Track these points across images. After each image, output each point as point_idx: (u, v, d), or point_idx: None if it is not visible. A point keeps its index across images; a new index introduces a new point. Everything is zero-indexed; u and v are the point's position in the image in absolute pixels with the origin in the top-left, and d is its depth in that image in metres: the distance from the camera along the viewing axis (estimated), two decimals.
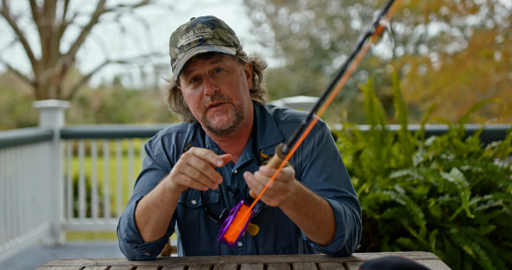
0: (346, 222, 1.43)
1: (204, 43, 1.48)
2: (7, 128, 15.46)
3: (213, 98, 1.47)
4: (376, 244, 2.53)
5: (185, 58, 1.45)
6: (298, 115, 1.61)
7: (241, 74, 1.54)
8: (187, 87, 1.51)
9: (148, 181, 1.56)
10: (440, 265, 1.41)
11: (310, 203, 1.36)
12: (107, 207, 5.12)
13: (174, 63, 1.53)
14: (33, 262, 4.48)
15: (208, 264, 1.45)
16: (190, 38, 1.49)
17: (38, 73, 11.93)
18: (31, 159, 4.63)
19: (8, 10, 11.63)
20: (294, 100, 4.15)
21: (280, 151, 1.19)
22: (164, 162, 1.59)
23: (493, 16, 10.74)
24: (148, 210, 1.42)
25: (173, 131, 1.63)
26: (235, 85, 1.50)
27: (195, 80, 1.49)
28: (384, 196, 2.42)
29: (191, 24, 1.51)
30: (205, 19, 1.52)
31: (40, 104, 5.09)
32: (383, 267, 1.07)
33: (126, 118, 20.30)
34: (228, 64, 1.50)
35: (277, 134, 1.57)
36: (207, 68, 1.48)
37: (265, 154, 1.55)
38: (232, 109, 1.49)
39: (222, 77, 1.49)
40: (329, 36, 17.48)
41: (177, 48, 1.51)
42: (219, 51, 1.44)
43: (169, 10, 16.88)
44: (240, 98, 1.50)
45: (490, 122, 2.95)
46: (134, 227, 1.44)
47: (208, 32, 1.49)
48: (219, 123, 1.48)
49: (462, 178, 2.36)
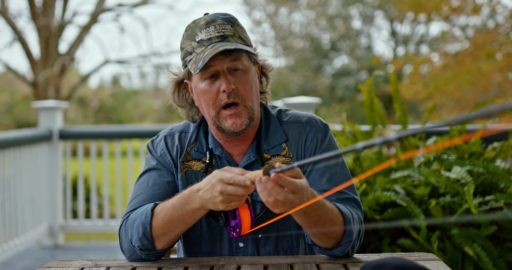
0: (354, 228, 1.43)
1: (225, 39, 1.47)
2: (6, 128, 15.44)
3: (229, 96, 1.46)
4: (376, 245, 2.52)
5: (210, 53, 1.42)
6: (301, 116, 1.61)
7: (255, 74, 1.54)
8: (201, 82, 1.49)
9: (151, 181, 1.56)
10: (441, 266, 1.40)
11: (321, 214, 1.36)
12: (106, 208, 5.10)
13: (190, 56, 1.50)
14: (32, 263, 4.47)
15: (208, 265, 1.44)
16: (211, 33, 1.47)
17: (37, 73, 11.92)
18: (29, 160, 4.61)
19: (7, 9, 11.62)
20: (294, 100, 4.14)
21: (267, 172, 1.20)
22: (168, 163, 1.58)
23: (495, 16, 10.74)
24: (172, 225, 1.42)
25: (175, 131, 1.62)
26: (250, 85, 1.50)
27: (211, 77, 1.48)
28: (385, 197, 2.41)
29: (210, 20, 1.49)
30: (223, 16, 1.51)
31: (39, 104, 5.08)
32: (383, 268, 1.06)
33: (125, 118, 20.30)
34: (245, 63, 1.50)
35: (281, 134, 1.57)
36: (226, 65, 1.46)
37: (268, 154, 1.56)
38: (245, 112, 1.49)
39: (239, 76, 1.48)
40: (330, 35, 17.49)
41: (196, 42, 1.48)
42: (245, 49, 1.44)
43: (168, 9, 16.88)
44: (252, 99, 1.50)
45: (491, 123, 2.94)
46: (149, 236, 1.44)
47: (229, 29, 1.49)
48: (232, 125, 1.48)
49: (465, 173, 2.35)
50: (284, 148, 1.56)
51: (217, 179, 1.31)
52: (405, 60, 13.47)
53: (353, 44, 17.71)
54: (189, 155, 1.58)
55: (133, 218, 1.47)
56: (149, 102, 23.15)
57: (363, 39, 18.19)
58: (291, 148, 1.56)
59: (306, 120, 1.58)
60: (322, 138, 1.56)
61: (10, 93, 17.91)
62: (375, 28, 17.97)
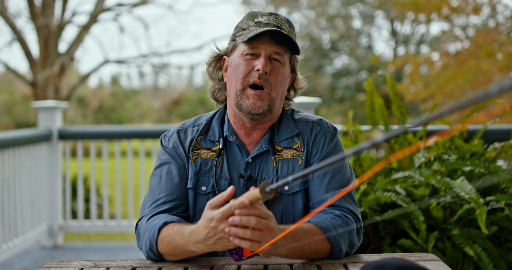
0: (340, 236, 1.45)
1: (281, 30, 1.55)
2: (5, 128, 15.43)
3: (261, 77, 1.53)
4: (377, 245, 2.51)
5: (263, 29, 1.50)
6: (312, 117, 1.67)
7: (287, 76, 1.61)
8: (240, 56, 1.56)
9: (164, 176, 1.59)
10: (441, 266, 1.39)
11: (301, 239, 1.39)
12: (105, 208, 5.09)
13: (242, 31, 1.58)
14: (31, 263, 4.46)
15: (208, 265, 1.44)
16: (271, 21, 1.56)
17: (36, 73, 11.91)
18: (29, 160, 4.60)
19: (6, 9, 11.61)
20: (295, 100, 4.12)
21: (263, 189, 1.19)
22: (180, 154, 1.61)
23: (495, 15, 10.74)
24: (175, 253, 1.42)
25: (188, 126, 1.67)
26: (281, 79, 1.56)
27: (252, 55, 1.55)
28: (385, 198, 2.40)
29: (274, 13, 1.59)
30: (285, 16, 1.61)
31: (38, 104, 5.06)
32: (384, 269, 1.06)
33: (125, 118, 20.29)
34: (285, 61, 1.58)
35: (293, 128, 1.62)
36: (269, 51, 1.54)
37: (280, 146, 1.60)
38: (267, 99, 1.54)
39: (277, 66, 1.55)
40: (330, 35, 17.49)
41: (253, 22, 1.57)
42: (294, 41, 1.53)
43: (168, 9, 16.87)
44: (277, 92, 1.56)
45: (492, 123, 2.93)
46: (156, 252, 1.46)
47: (286, 27, 1.58)
48: (251, 105, 1.53)
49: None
50: (296, 142, 1.61)
51: (215, 219, 1.28)
52: (405, 60, 13.46)
53: (354, 44, 17.71)
54: (199, 144, 1.63)
55: (144, 229, 1.50)
56: (148, 102, 23.16)
57: (364, 39, 18.20)
58: (302, 142, 1.61)
59: (317, 120, 1.65)
60: (331, 138, 1.61)
61: (9, 93, 17.90)
62: (376, 28, 17.98)
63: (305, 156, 1.59)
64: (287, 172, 1.57)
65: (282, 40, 1.54)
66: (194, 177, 1.58)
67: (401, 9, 12.24)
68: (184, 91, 23.19)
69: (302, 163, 1.58)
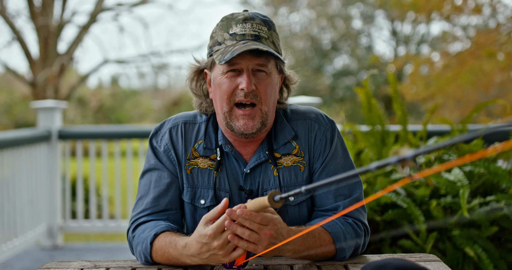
0: (347, 245, 1.44)
1: (259, 40, 1.44)
2: (5, 128, 15.42)
3: (247, 96, 1.43)
4: (377, 246, 2.51)
5: (241, 49, 1.39)
6: (307, 112, 1.58)
7: (276, 83, 1.51)
8: (222, 75, 1.45)
9: (153, 183, 1.54)
10: (442, 267, 1.39)
11: (310, 246, 1.38)
12: (105, 209, 5.09)
13: (219, 46, 1.46)
14: (31, 264, 4.45)
15: (208, 265, 1.42)
16: (246, 30, 1.44)
17: (36, 73, 11.90)
18: (28, 160, 4.59)
19: (6, 9, 11.60)
20: (295, 100, 4.13)
21: (272, 198, 1.18)
22: (172, 160, 1.53)
23: (496, 15, 10.73)
24: (175, 263, 1.42)
25: (180, 121, 1.57)
26: (270, 90, 1.47)
27: (233, 71, 1.45)
28: (385, 198, 2.40)
29: (249, 16, 1.47)
30: (262, 17, 1.49)
31: (38, 104, 5.06)
32: (384, 269, 1.06)
33: (124, 118, 20.27)
34: (271, 69, 1.47)
35: (289, 130, 1.54)
36: (251, 65, 1.44)
37: (278, 153, 1.53)
38: (259, 116, 1.46)
39: (262, 78, 1.45)
40: (330, 35, 17.47)
41: (228, 34, 1.45)
42: (276, 54, 1.41)
43: (168, 9, 16.86)
44: (269, 104, 1.47)
45: (493, 123, 2.93)
46: (153, 263, 1.46)
47: (265, 31, 1.46)
48: (243, 126, 1.45)
49: (462, 176, 2.34)
50: (294, 147, 1.53)
51: (207, 236, 1.28)
52: (406, 60, 13.45)
53: (354, 44, 17.69)
54: (196, 151, 1.53)
55: (135, 242, 1.48)
56: (148, 102, 23.14)
57: (364, 39, 18.18)
58: (302, 147, 1.53)
59: (314, 117, 1.55)
60: (331, 138, 1.54)
61: (8, 93, 17.89)
62: (376, 28, 17.95)
63: (307, 162, 1.52)
64: (290, 181, 1.51)
65: (263, 51, 1.42)
66: (190, 190, 1.51)
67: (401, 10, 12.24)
68: (184, 91, 23.17)
69: (305, 170, 1.51)
